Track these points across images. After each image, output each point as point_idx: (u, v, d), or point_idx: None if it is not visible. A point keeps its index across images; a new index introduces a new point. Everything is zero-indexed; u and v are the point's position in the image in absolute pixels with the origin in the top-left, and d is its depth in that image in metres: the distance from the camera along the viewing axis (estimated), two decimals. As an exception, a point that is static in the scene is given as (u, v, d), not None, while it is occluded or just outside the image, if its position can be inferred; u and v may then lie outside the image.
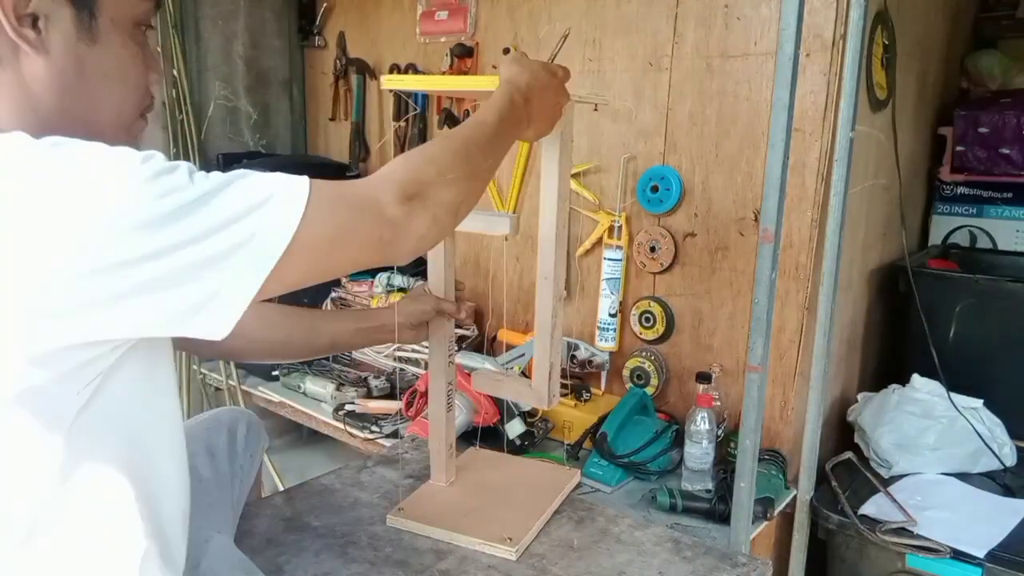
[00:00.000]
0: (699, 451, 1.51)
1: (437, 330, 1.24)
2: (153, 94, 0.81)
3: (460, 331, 2.04)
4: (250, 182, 0.67)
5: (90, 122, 0.73)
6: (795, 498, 1.59)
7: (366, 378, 2.05)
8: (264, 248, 0.64)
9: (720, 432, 1.59)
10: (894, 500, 1.52)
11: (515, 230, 1.18)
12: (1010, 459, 1.67)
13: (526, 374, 1.87)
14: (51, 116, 0.71)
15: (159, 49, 2.17)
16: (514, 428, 1.66)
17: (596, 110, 0.96)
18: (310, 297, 2.31)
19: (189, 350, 1.75)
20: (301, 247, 0.66)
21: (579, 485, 1.37)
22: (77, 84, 0.71)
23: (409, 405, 1.84)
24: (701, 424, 1.50)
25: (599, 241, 1.85)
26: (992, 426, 1.68)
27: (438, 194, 0.76)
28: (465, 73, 2.06)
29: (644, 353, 1.79)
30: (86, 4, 0.70)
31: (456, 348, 1.33)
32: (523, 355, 1.83)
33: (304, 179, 0.69)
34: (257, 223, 0.64)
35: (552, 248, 1.15)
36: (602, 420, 1.66)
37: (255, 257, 0.64)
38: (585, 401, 1.80)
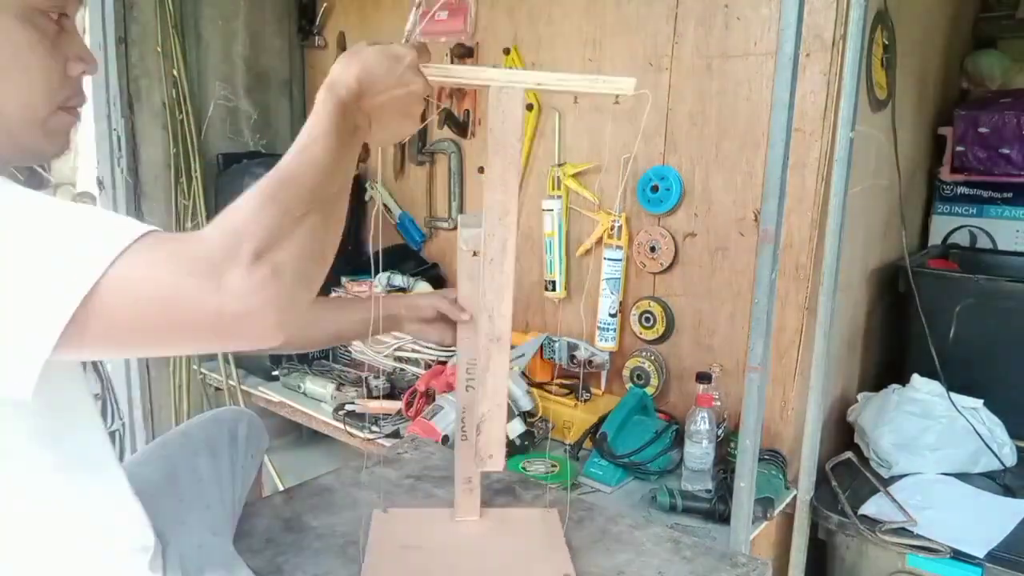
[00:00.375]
0: (699, 451, 1.51)
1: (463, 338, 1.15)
2: (80, 86, 0.76)
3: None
4: (78, 216, 0.58)
5: None
6: (795, 498, 1.58)
7: (366, 378, 2.05)
8: (63, 296, 0.54)
9: (720, 432, 1.59)
10: (894, 500, 1.52)
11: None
12: (1010, 459, 1.67)
13: (526, 374, 1.88)
14: None
15: (159, 49, 2.17)
16: (514, 428, 1.66)
17: (617, 102, 0.91)
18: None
19: None
20: (105, 297, 0.55)
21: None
22: None
23: (409, 405, 1.84)
24: (701, 424, 1.50)
25: (599, 241, 1.85)
26: (992, 426, 1.68)
27: (293, 239, 0.62)
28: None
29: (644, 353, 1.79)
30: None
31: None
32: (523, 355, 1.83)
33: (136, 226, 0.58)
34: (67, 262, 0.55)
35: (500, 278, 0.97)
36: (602, 420, 1.66)
37: (50, 306, 0.54)
38: (585, 401, 1.80)
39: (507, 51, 1.97)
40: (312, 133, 0.74)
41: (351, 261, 2.34)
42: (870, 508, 1.50)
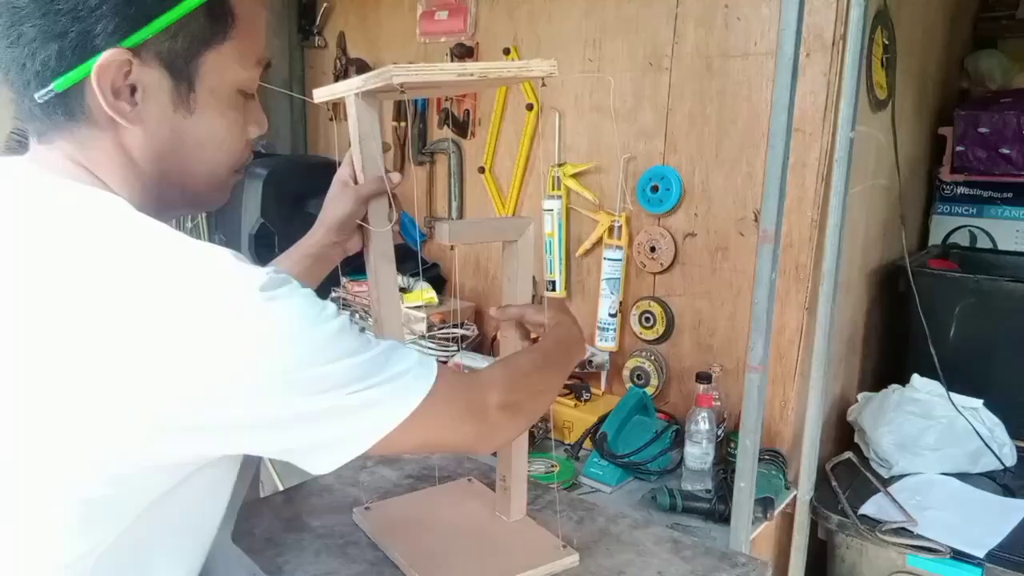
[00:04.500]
0: (699, 451, 1.51)
1: (378, 209, 1.07)
2: (252, 148, 0.83)
3: (460, 331, 2.04)
4: (399, 354, 0.74)
5: (184, 184, 0.75)
6: (795, 498, 1.58)
7: (366, 378, 2.04)
8: (390, 413, 0.70)
9: (720, 432, 1.59)
10: (894, 500, 1.52)
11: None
12: (1010, 459, 1.67)
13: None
14: (149, 180, 0.72)
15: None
16: (514, 428, 1.66)
17: (544, 85, 0.92)
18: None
19: None
20: (415, 422, 0.71)
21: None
22: (172, 152, 0.72)
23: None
24: (701, 424, 1.50)
25: (599, 241, 1.85)
26: (992, 426, 1.68)
27: (531, 405, 0.90)
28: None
29: (644, 353, 1.79)
30: (185, 77, 0.69)
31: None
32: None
33: (434, 363, 0.76)
34: (392, 391, 0.71)
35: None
36: (602, 420, 1.66)
37: (378, 419, 0.70)
38: (585, 401, 1.80)
39: (507, 51, 1.97)
40: (556, 342, 1.03)
41: (351, 261, 2.33)
42: (870, 508, 1.50)
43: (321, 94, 1.01)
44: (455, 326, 2.02)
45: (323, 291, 2.31)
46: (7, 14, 0.65)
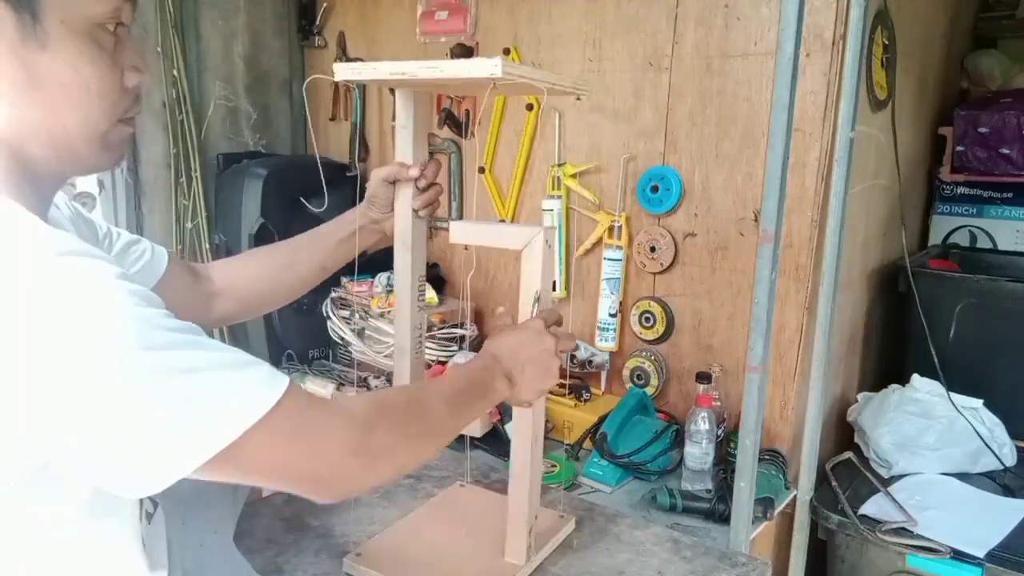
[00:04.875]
0: (699, 451, 1.51)
1: (403, 314, 1.16)
2: (137, 96, 0.76)
3: (460, 331, 2.04)
4: (248, 374, 0.65)
5: (54, 136, 0.69)
6: (795, 498, 1.58)
7: (366, 378, 2.05)
8: (219, 429, 0.61)
9: (720, 432, 1.59)
10: (894, 500, 1.52)
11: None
12: (1010, 459, 1.67)
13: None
14: (10, 130, 0.67)
15: (159, 49, 2.17)
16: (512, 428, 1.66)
17: (579, 99, 0.93)
18: (309, 297, 2.31)
19: None
20: (245, 444, 0.62)
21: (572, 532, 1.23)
22: (32, 96, 0.66)
23: (409, 405, 1.84)
24: (701, 424, 1.50)
25: (599, 241, 1.85)
26: (992, 426, 1.68)
27: (404, 451, 0.75)
28: (465, 73, 2.06)
29: (644, 353, 1.79)
30: (26, 7, 0.64)
31: (422, 330, 1.22)
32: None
33: (285, 380, 0.67)
34: (226, 402, 0.62)
35: None
36: (602, 420, 1.66)
37: (205, 428, 0.61)
38: (585, 401, 1.80)
39: (507, 51, 1.97)
40: (460, 380, 0.88)
41: (351, 262, 2.33)
42: (870, 508, 1.50)
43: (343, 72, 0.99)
44: (455, 326, 2.02)
45: (324, 291, 2.31)
46: None
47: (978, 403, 1.69)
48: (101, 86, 0.69)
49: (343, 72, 0.89)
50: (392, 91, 1.05)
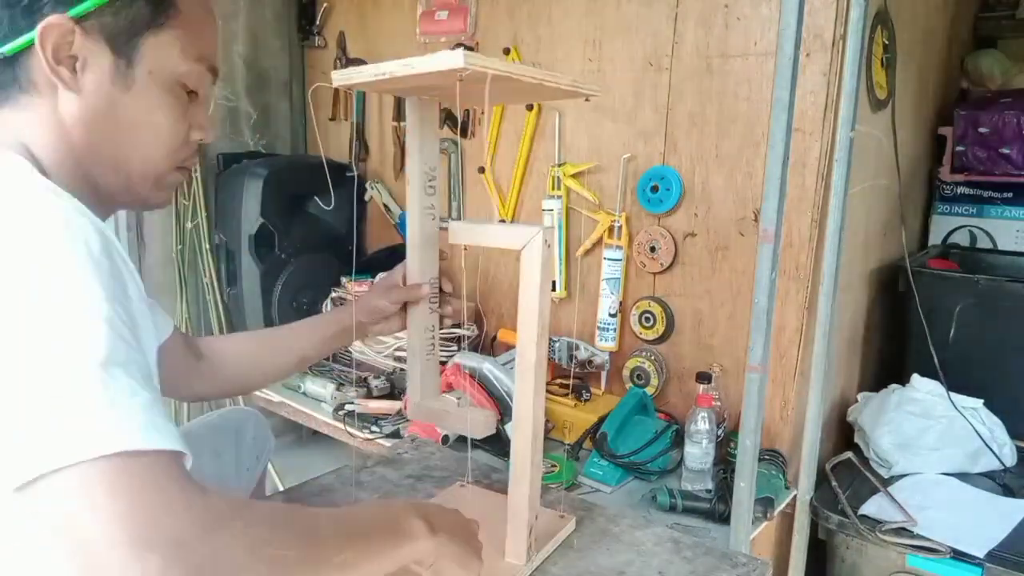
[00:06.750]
0: (699, 451, 1.51)
1: (415, 317, 1.14)
2: (197, 149, 0.84)
3: (460, 331, 2.04)
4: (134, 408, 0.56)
5: (118, 165, 0.76)
6: (795, 498, 1.59)
7: (366, 378, 2.05)
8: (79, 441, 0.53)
9: (720, 432, 1.59)
10: (894, 500, 1.52)
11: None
12: (1010, 459, 1.67)
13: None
14: (80, 151, 0.74)
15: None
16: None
17: (587, 100, 0.93)
18: (309, 298, 2.31)
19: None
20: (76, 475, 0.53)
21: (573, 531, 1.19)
22: (106, 125, 0.74)
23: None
24: (701, 424, 1.50)
25: (599, 241, 1.85)
26: (992, 426, 1.68)
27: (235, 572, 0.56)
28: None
29: (644, 353, 1.79)
30: (125, 54, 0.73)
31: (434, 331, 1.17)
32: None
33: (156, 438, 0.55)
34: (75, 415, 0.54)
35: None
36: (602, 420, 1.66)
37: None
38: (585, 401, 1.80)
39: (507, 51, 1.97)
40: (361, 518, 0.74)
41: (351, 261, 2.34)
42: (870, 508, 1.50)
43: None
44: (455, 326, 2.02)
45: (324, 291, 2.31)
46: None
47: (978, 403, 1.69)
48: (169, 133, 0.78)
49: (339, 78, 0.91)
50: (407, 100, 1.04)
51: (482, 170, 2.08)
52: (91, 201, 0.72)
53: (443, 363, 1.94)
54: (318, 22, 2.48)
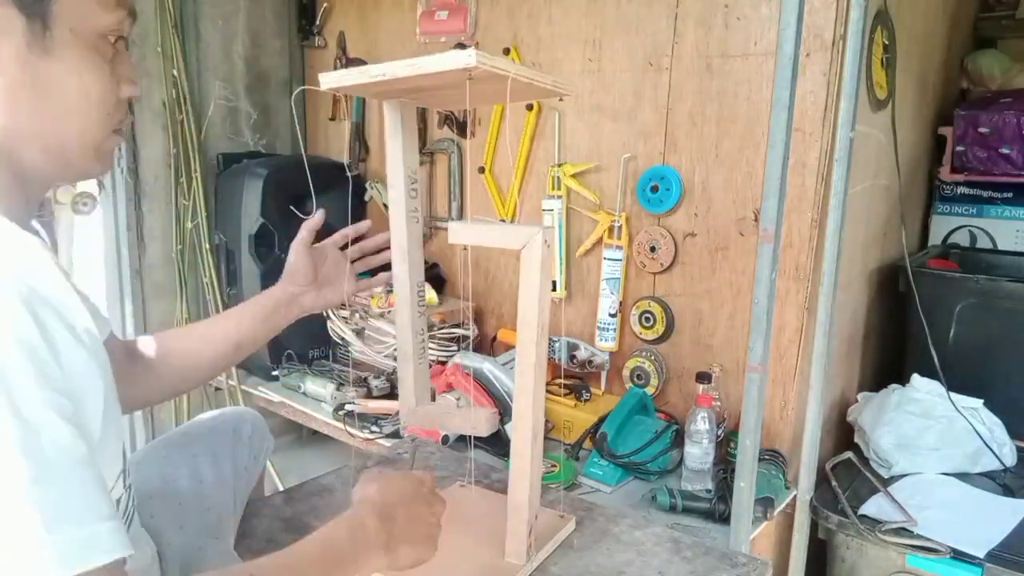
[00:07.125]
0: (699, 451, 1.51)
1: (405, 321, 1.10)
2: (130, 109, 0.77)
3: (460, 331, 2.04)
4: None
5: (49, 140, 0.69)
6: (795, 498, 1.58)
7: (366, 378, 2.05)
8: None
9: (720, 432, 1.59)
10: (894, 500, 1.52)
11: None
12: (1010, 459, 1.67)
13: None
14: (4, 133, 0.67)
15: (159, 49, 2.17)
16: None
17: (561, 100, 0.92)
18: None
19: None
20: None
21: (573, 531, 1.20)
22: (29, 100, 0.67)
23: (409, 405, 1.84)
24: (701, 424, 1.50)
25: (599, 241, 1.85)
26: (992, 426, 1.68)
27: None
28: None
29: (644, 353, 1.79)
30: (39, 14, 0.65)
31: (424, 334, 1.14)
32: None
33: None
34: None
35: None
36: (602, 420, 1.66)
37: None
38: (585, 401, 1.80)
39: (507, 51, 1.97)
40: (329, 537, 0.77)
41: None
42: (870, 508, 1.50)
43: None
44: (456, 326, 2.02)
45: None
46: None
47: (978, 403, 1.69)
48: (100, 95, 0.70)
49: (328, 80, 0.88)
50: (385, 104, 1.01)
51: (482, 170, 2.08)
52: (15, 192, 0.67)
53: (443, 363, 1.94)
54: (318, 22, 2.48)
